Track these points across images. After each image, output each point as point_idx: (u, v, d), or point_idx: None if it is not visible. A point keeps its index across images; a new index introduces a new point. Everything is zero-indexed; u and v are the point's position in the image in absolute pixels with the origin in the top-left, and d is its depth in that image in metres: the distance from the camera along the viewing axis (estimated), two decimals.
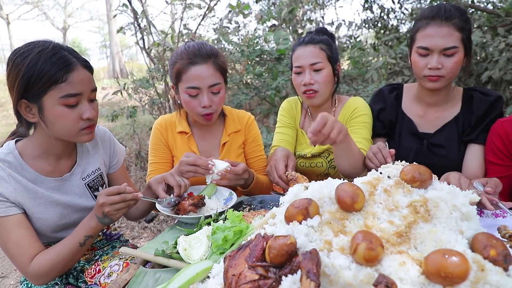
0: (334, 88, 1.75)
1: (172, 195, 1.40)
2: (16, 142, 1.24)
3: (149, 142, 1.74)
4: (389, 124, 1.70)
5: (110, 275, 1.25)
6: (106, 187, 1.44)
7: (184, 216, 1.29)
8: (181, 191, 1.40)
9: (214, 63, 1.53)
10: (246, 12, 5.05)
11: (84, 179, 1.35)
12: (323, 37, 1.68)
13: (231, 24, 5.23)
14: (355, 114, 1.71)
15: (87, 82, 1.18)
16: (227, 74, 1.64)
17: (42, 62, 1.09)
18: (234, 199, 1.41)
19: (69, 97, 1.13)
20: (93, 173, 1.38)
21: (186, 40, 4.42)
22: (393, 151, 1.43)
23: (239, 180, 1.49)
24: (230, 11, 5.04)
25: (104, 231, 1.53)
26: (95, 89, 1.22)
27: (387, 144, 1.64)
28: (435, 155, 1.60)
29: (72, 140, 1.24)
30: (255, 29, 5.72)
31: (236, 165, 1.46)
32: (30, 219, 1.21)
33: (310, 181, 1.08)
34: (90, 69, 1.21)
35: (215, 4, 4.62)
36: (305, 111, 1.90)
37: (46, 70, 1.09)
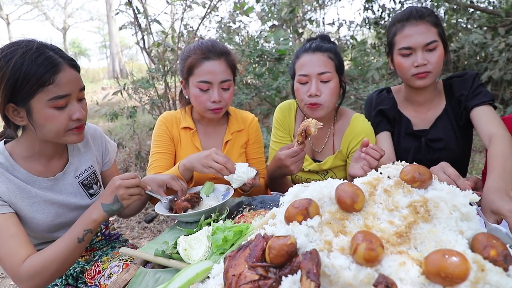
0: (340, 101, 1.65)
1: (172, 196, 1.41)
2: (5, 143, 1.22)
3: (152, 135, 1.73)
4: (393, 121, 1.70)
5: (110, 277, 1.25)
6: (100, 185, 1.44)
7: (183, 214, 1.29)
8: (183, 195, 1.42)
9: (226, 60, 1.58)
10: (249, 13, 5.04)
11: (77, 178, 1.34)
12: (330, 45, 1.59)
13: (234, 24, 5.24)
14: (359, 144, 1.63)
15: (75, 82, 1.15)
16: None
17: (28, 64, 1.04)
18: (231, 193, 1.42)
19: (58, 99, 1.10)
20: (86, 171, 1.37)
21: (189, 39, 4.42)
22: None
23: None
24: (235, 11, 5.03)
25: (103, 231, 1.53)
26: (83, 88, 1.19)
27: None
28: (435, 151, 1.62)
29: (60, 142, 1.21)
30: (260, 32, 5.70)
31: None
32: (25, 220, 1.19)
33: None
34: (77, 68, 1.18)
35: (217, 3, 4.62)
36: (301, 119, 1.81)
37: (32, 72, 1.04)
